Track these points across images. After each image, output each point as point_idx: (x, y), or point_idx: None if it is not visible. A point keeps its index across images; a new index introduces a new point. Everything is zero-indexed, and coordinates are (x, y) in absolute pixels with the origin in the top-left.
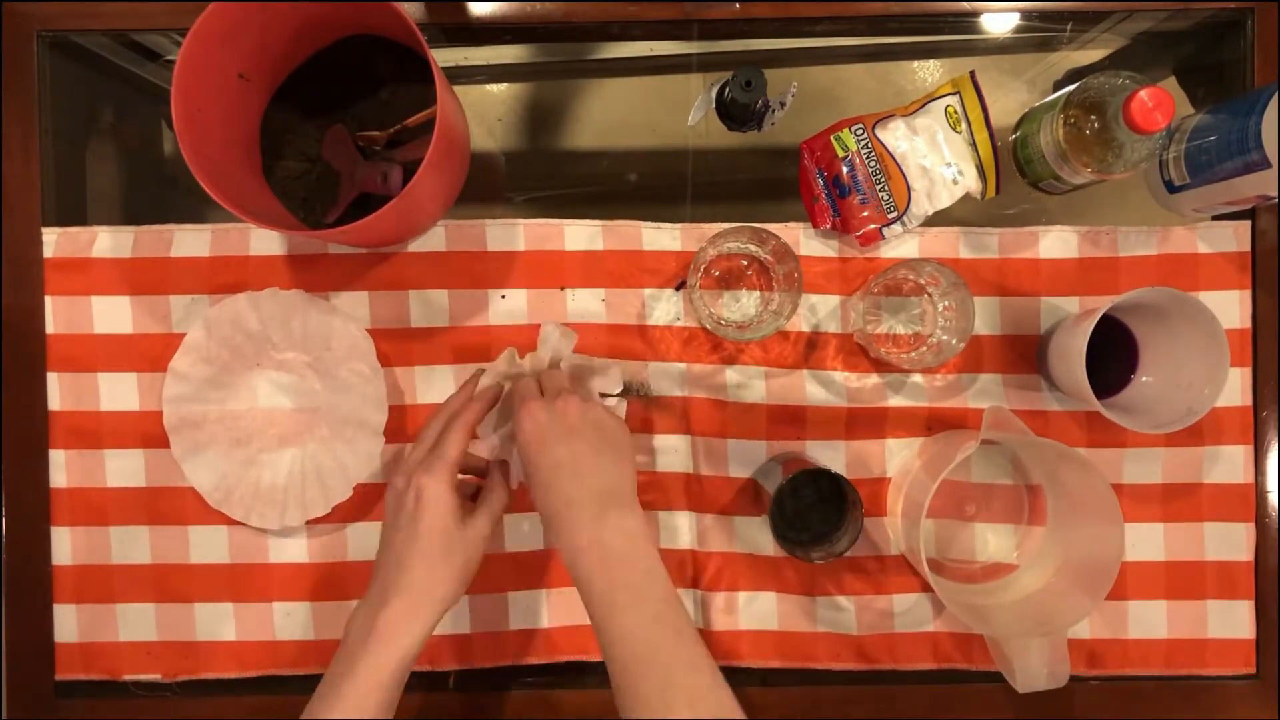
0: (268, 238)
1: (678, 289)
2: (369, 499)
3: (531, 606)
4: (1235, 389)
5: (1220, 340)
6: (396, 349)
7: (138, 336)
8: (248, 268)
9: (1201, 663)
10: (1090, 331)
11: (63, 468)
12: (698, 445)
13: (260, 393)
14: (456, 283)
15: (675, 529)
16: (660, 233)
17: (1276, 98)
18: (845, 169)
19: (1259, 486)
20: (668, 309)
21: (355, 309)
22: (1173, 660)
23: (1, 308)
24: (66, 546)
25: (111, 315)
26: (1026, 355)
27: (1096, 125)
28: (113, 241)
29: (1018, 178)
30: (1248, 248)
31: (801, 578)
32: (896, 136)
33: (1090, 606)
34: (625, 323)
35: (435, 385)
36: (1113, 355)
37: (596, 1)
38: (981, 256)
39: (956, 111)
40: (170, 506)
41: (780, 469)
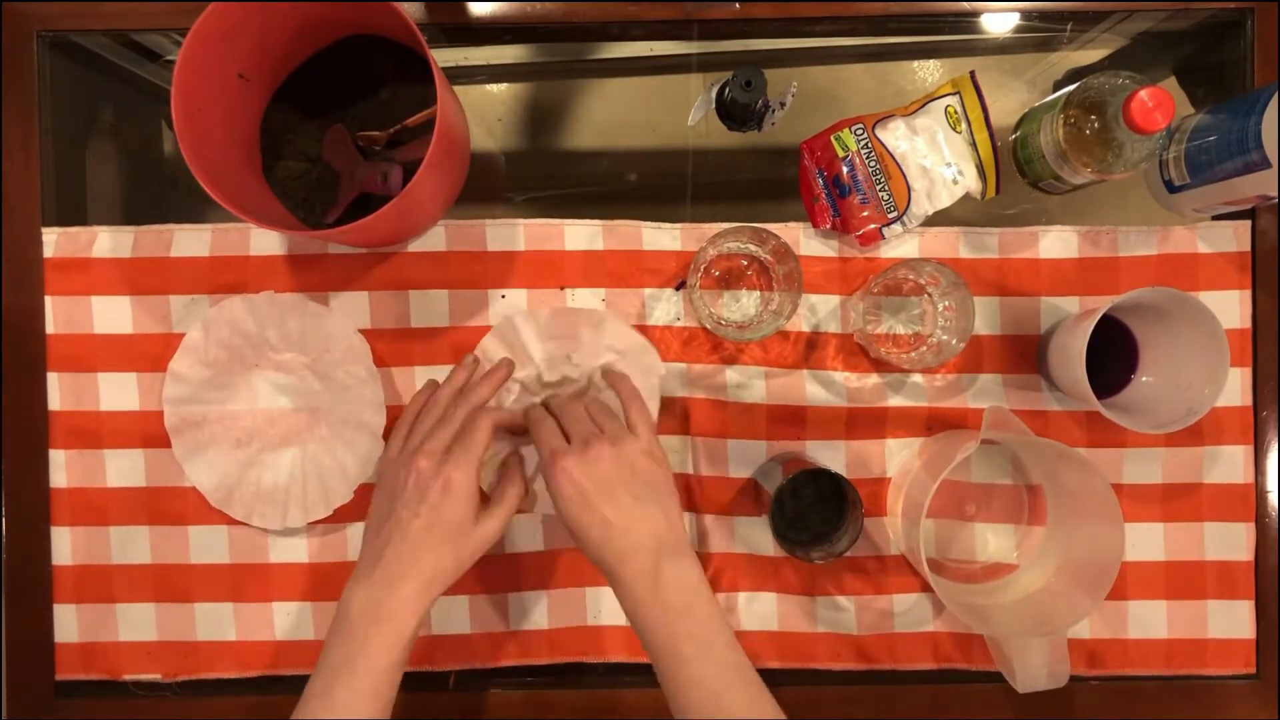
0: (268, 238)
1: (678, 289)
2: (369, 500)
3: (531, 608)
4: (1235, 389)
5: (1220, 340)
6: (396, 349)
7: (138, 336)
8: (248, 268)
9: (1201, 663)
10: (1090, 331)
11: (63, 468)
12: (697, 446)
13: (260, 393)
14: (456, 283)
15: None
16: (660, 233)
17: (1276, 98)
18: (845, 169)
19: (1259, 486)
20: (668, 309)
21: (355, 309)
22: (1173, 660)
23: (1, 308)
24: (66, 546)
25: (111, 315)
26: (1026, 355)
27: (1096, 125)
28: (113, 241)
29: (1018, 178)
30: (1248, 248)
31: (801, 578)
32: (896, 136)
33: (1090, 606)
34: (625, 323)
35: None
36: (1113, 355)
37: (596, 1)
38: (981, 256)
39: (956, 111)
40: (170, 506)
41: (780, 469)
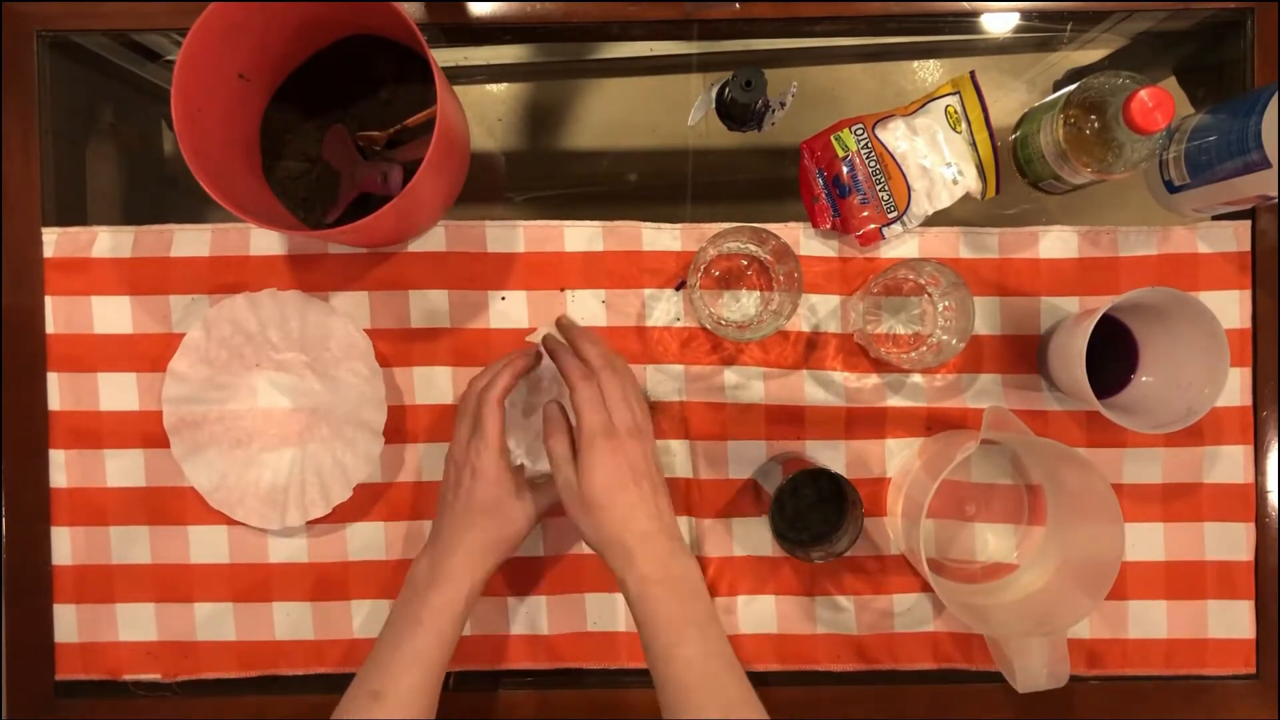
0: (268, 238)
1: (678, 289)
2: (369, 499)
3: (531, 612)
4: (1235, 389)
5: (1220, 340)
6: (396, 349)
7: (138, 336)
8: (248, 268)
9: (1201, 663)
10: (1090, 331)
11: (63, 468)
12: (697, 449)
13: (260, 393)
14: (456, 283)
15: None
16: (660, 233)
17: (1276, 98)
18: (845, 169)
19: (1259, 486)
20: (668, 309)
21: (355, 309)
22: (1173, 660)
23: (1, 308)
24: (66, 546)
25: (111, 315)
26: (1026, 355)
27: (1096, 125)
28: (113, 241)
29: (1018, 178)
30: (1248, 248)
31: (801, 578)
32: (896, 136)
33: (1090, 606)
34: (625, 324)
35: (435, 386)
36: (1113, 355)
37: (596, 1)
38: (981, 256)
39: (956, 111)
40: (170, 506)
41: (780, 469)
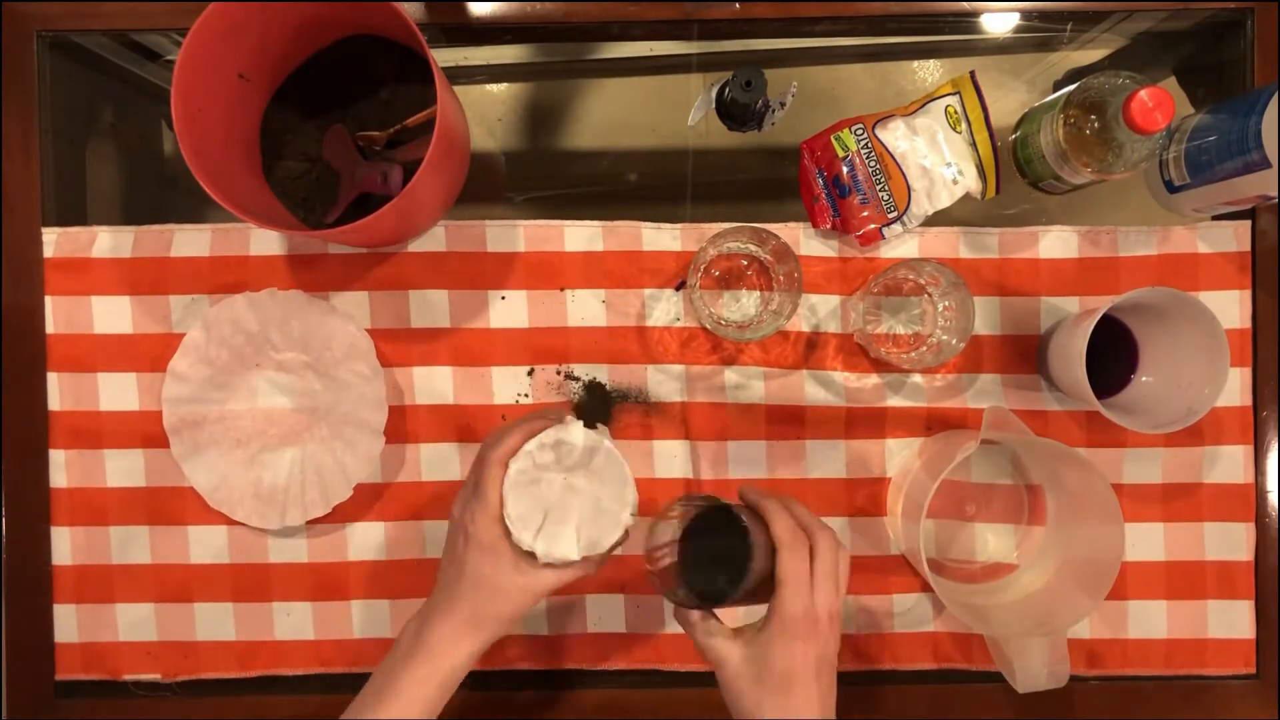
0: (268, 238)
1: (678, 289)
2: (369, 499)
3: (531, 613)
4: (1235, 389)
5: (1220, 340)
6: (396, 349)
7: (138, 336)
8: (248, 268)
9: (1201, 663)
10: (1090, 331)
11: (63, 468)
12: (697, 449)
13: (260, 393)
14: (456, 283)
15: None
16: (660, 233)
17: (1276, 98)
18: (845, 169)
19: (1259, 486)
20: (668, 309)
21: (355, 309)
22: (1173, 660)
23: (1, 308)
24: (66, 546)
25: (111, 315)
26: (1026, 355)
27: (1096, 125)
28: (113, 241)
29: (1018, 178)
30: (1248, 248)
31: None
32: (896, 136)
33: (1090, 606)
34: (625, 324)
35: (435, 386)
36: (1113, 355)
37: (596, 1)
38: (981, 256)
39: (956, 111)
40: (170, 506)
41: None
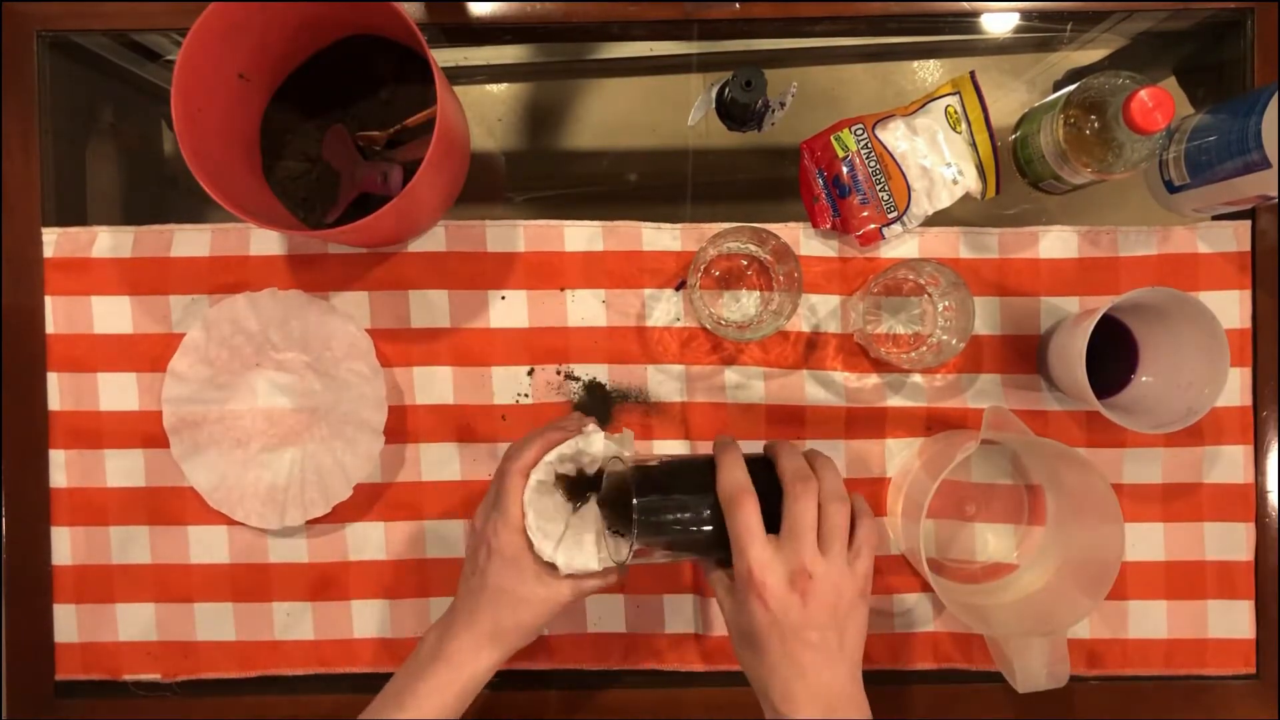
0: (268, 238)
1: (678, 289)
2: (369, 499)
3: None
4: (1235, 389)
5: (1220, 340)
6: (396, 349)
7: (138, 336)
8: (248, 268)
9: (1201, 663)
10: (1090, 331)
11: (63, 468)
12: (698, 450)
13: (260, 393)
14: (456, 283)
15: None
16: (660, 233)
17: (1276, 98)
18: (845, 169)
19: (1259, 486)
20: (668, 309)
21: (355, 309)
22: (1173, 660)
23: (1, 308)
24: (66, 546)
25: (111, 315)
26: (1026, 355)
27: (1096, 125)
28: (113, 241)
29: (1018, 178)
30: (1248, 248)
31: None
32: (896, 136)
33: (1090, 606)
34: (625, 324)
35: (435, 386)
36: (1113, 355)
37: (596, 1)
38: (981, 256)
39: (956, 111)
40: (170, 506)
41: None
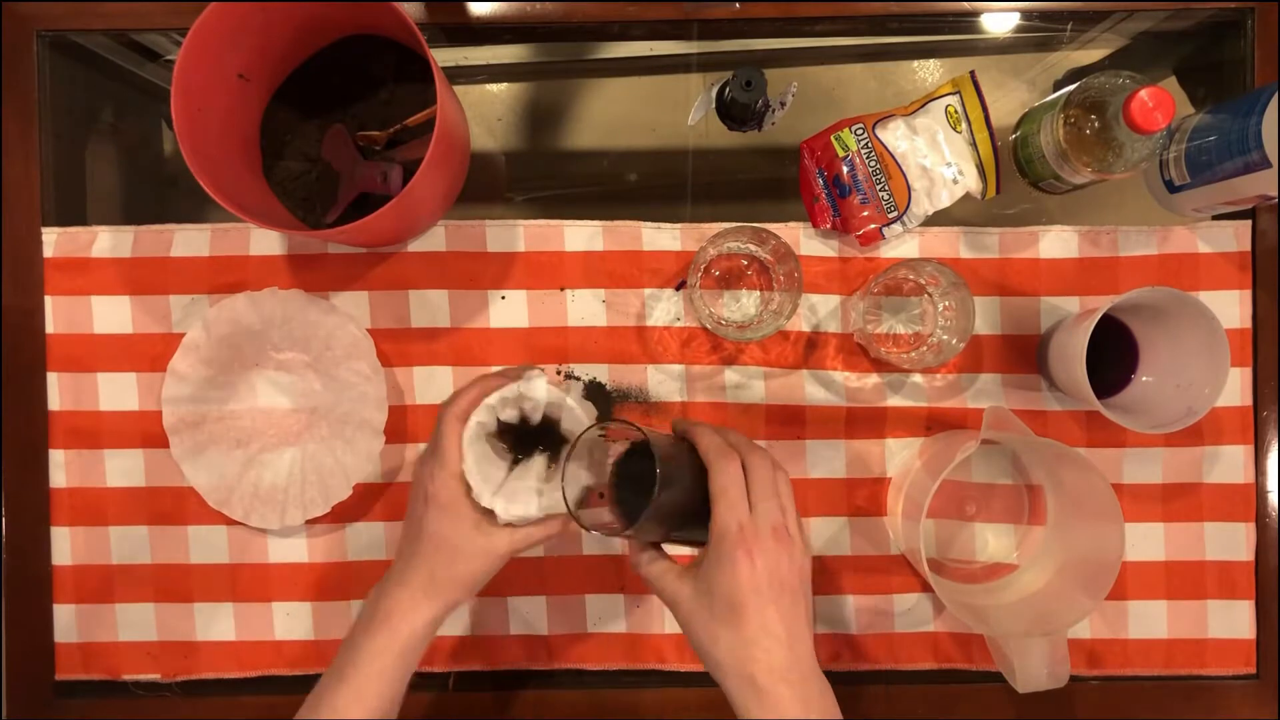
0: (268, 237)
1: (678, 289)
2: (369, 499)
3: (531, 613)
4: (1235, 389)
5: (1220, 340)
6: (396, 349)
7: (138, 336)
8: (248, 267)
9: (1201, 663)
10: (1090, 331)
11: (63, 468)
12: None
13: (260, 393)
14: (456, 283)
15: None
16: (660, 233)
17: (1276, 98)
18: (845, 169)
19: (1259, 486)
20: (668, 309)
21: (355, 309)
22: (1173, 660)
23: (2, 308)
24: (66, 546)
25: (111, 315)
26: (1026, 355)
27: (1096, 125)
28: (113, 241)
29: (1018, 178)
30: (1248, 248)
31: None
32: (896, 136)
33: (1090, 606)
34: (625, 324)
35: (435, 385)
36: (1113, 355)
37: (596, 1)
38: (981, 256)
39: (957, 111)
40: (170, 506)
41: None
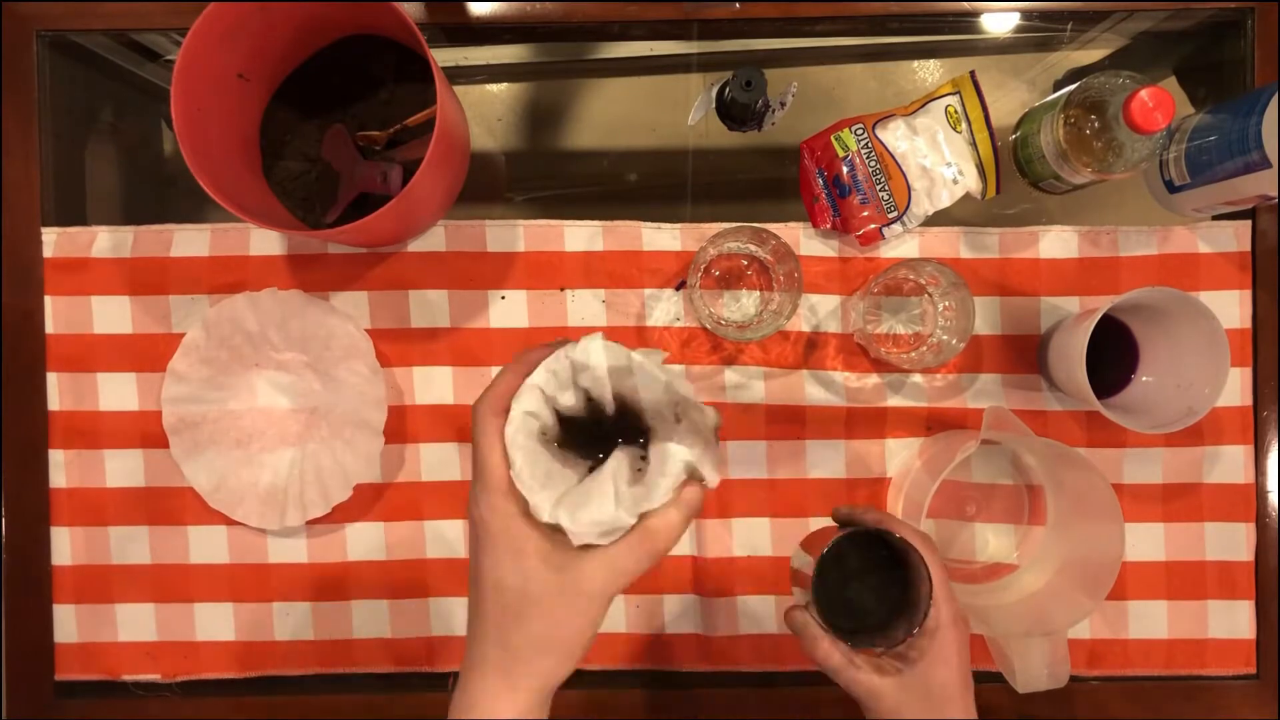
0: (267, 238)
1: (678, 289)
2: (369, 499)
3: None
4: (1235, 389)
5: (1220, 340)
6: (396, 349)
7: (137, 336)
8: (247, 268)
9: (1201, 663)
10: (1090, 331)
11: (62, 468)
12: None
13: (259, 393)
14: (456, 283)
15: None
16: (660, 233)
17: (1276, 98)
18: (845, 169)
19: (1259, 486)
20: (668, 309)
21: (355, 309)
22: (1173, 660)
23: (2, 308)
24: (66, 546)
25: (111, 315)
26: (1026, 355)
27: (1096, 125)
28: (112, 241)
29: (1018, 178)
30: (1248, 248)
31: None
32: (896, 136)
33: (1090, 606)
34: (625, 324)
35: (434, 386)
36: (1113, 355)
37: (596, 1)
38: (981, 256)
39: (957, 111)
40: (170, 506)
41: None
